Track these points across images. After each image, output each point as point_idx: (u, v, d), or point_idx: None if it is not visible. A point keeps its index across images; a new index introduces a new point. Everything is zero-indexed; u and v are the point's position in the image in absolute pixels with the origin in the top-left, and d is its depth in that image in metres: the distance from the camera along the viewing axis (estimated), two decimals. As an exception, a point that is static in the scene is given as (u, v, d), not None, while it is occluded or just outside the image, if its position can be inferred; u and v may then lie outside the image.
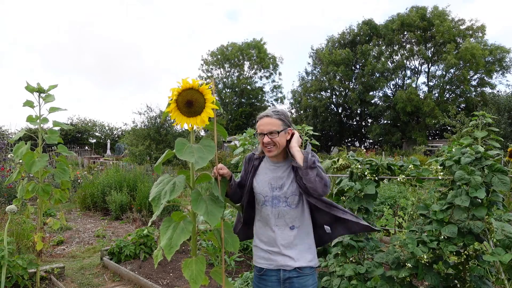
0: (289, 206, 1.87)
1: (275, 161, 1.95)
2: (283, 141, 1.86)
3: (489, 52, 29.52)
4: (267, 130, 1.83)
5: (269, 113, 1.88)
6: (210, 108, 1.52)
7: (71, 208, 8.81)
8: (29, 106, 3.27)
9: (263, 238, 1.91)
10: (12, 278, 3.56)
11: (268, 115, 1.87)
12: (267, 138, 1.83)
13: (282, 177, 1.89)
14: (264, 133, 1.84)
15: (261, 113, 1.94)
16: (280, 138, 1.85)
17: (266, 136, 1.83)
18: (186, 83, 1.48)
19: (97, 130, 34.56)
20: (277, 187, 1.89)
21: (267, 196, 1.90)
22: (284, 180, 1.89)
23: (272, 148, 1.85)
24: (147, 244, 4.80)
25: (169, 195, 1.40)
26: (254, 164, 1.99)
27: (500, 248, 2.25)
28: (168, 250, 1.36)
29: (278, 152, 1.87)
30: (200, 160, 1.40)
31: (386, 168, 2.96)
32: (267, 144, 1.85)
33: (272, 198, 1.88)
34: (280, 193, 1.87)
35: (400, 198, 6.47)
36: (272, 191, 1.89)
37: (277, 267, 1.86)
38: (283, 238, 1.86)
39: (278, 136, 1.84)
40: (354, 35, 35.29)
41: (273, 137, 1.83)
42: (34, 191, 3.26)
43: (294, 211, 1.88)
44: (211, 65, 41.20)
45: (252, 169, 1.98)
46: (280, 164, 1.94)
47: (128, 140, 18.82)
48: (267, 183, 1.91)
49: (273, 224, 1.87)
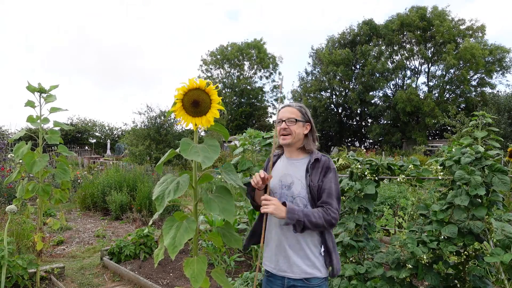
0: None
1: (289, 157, 1.92)
2: (299, 132, 1.85)
3: (489, 52, 29.52)
4: (286, 117, 1.86)
5: (291, 104, 1.93)
6: (216, 108, 1.52)
7: (71, 208, 8.81)
8: (30, 106, 3.28)
9: (270, 237, 1.86)
10: (12, 278, 3.56)
11: (290, 105, 1.92)
12: (284, 124, 1.84)
13: (292, 176, 1.84)
14: (283, 119, 1.85)
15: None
16: (297, 128, 1.85)
17: (284, 123, 1.84)
18: (193, 82, 1.48)
19: (97, 130, 34.55)
20: (286, 185, 1.84)
21: (275, 193, 1.86)
22: (294, 179, 1.83)
23: (287, 136, 1.84)
24: (147, 244, 4.80)
25: (173, 194, 1.41)
26: (273, 162, 1.96)
27: (500, 248, 2.25)
28: (172, 249, 1.36)
29: (292, 141, 1.85)
30: (206, 160, 1.40)
31: (386, 168, 2.96)
32: (283, 130, 1.85)
33: (280, 196, 1.83)
34: (288, 192, 1.82)
35: (400, 198, 6.47)
36: (281, 189, 1.85)
37: (282, 274, 1.80)
38: (286, 241, 1.79)
39: (295, 124, 1.84)
40: (354, 35, 35.30)
41: (290, 124, 1.84)
42: (34, 191, 3.26)
43: None
44: (211, 65, 41.23)
45: (268, 165, 1.95)
46: (294, 161, 1.89)
47: (128, 140, 18.80)
48: (278, 179, 1.87)
49: (278, 224, 1.81)
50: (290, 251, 1.78)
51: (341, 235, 2.97)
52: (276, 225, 1.83)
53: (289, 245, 1.79)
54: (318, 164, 1.84)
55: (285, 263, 1.79)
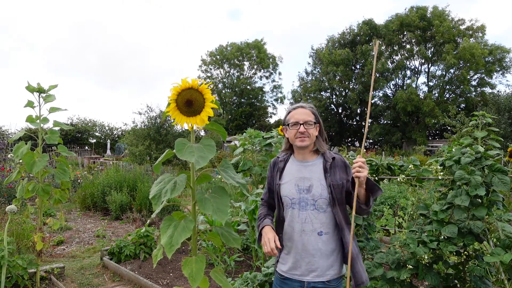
0: (317, 210, 1.76)
1: (301, 159, 1.87)
2: (314, 134, 1.83)
3: (489, 52, 29.54)
4: (303, 119, 1.81)
5: (304, 105, 1.88)
6: (209, 107, 1.53)
7: (71, 208, 8.81)
8: (30, 106, 3.28)
9: (288, 243, 1.81)
10: (12, 278, 3.56)
11: (303, 106, 1.86)
12: (302, 128, 1.80)
13: (310, 178, 1.80)
14: (300, 122, 1.81)
15: (292, 105, 1.93)
16: (314, 130, 1.82)
17: (302, 126, 1.80)
18: (186, 82, 1.48)
19: (97, 130, 34.56)
20: (305, 189, 1.79)
21: (294, 199, 1.80)
22: (312, 182, 1.79)
23: (306, 138, 1.81)
24: (147, 244, 4.80)
25: (170, 194, 1.41)
26: (279, 167, 1.90)
27: (500, 248, 2.25)
28: (169, 248, 1.36)
29: (310, 143, 1.82)
30: (201, 160, 1.40)
31: (386, 168, 2.96)
32: (301, 134, 1.80)
33: (300, 201, 1.79)
34: (308, 195, 1.78)
35: (400, 198, 6.46)
36: (299, 193, 1.79)
37: (301, 279, 1.78)
38: (310, 245, 1.75)
39: (313, 127, 1.81)
40: (354, 35, 35.31)
41: (309, 127, 1.80)
42: (34, 191, 3.26)
43: (323, 215, 1.77)
44: (210, 65, 41.26)
45: (278, 172, 1.90)
46: (308, 163, 1.85)
47: (128, 140, 18.81)
48: (294, 184, 1.82)
49: (299, 229, 1.77)
50: (310, 255, 1.76)
51: (341, 235, 2.97)
52: (298, 230, 1.79)
53: (313, 249, 1.76)
54: (334, 162, 1.82)
55: (308, 267, 1.77)
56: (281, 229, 1.85)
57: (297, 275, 1.79)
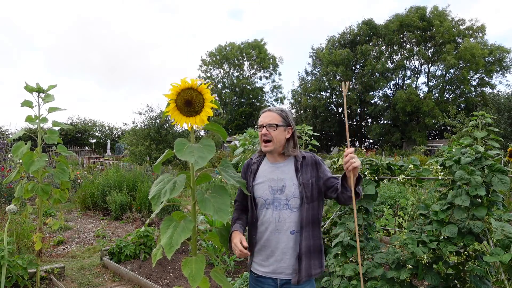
0: (290, 209, 1.81)
1: (273, 161, 1.91)
2: (280, 137, 1.84)
3: (489, 52, 29.54)
4: (266, 122, 1.85)
5: (271, 108, 1.92)
6: (209, 107, 1.52)
7: (71, 208, 8.81)
8: (28, 106, 3.27)
9: (262, 243, 1.84)
10: (12, 278, 3.56)
11: (270, 110, 1.90)
12: (264, 130, 1.84)
13: (283, 179, 1.84)
14: (264, 125, 1.85)
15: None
16: (278, 133, 1.83)
17: (264, 128, 1.84)
18: (185, 82, 1.48)
19: (97, 130, 34.56)
20: (278, 189, 1.83)
21: (268, 199, 1.84)
22: (285, 182, 1.83)
23: (269, 143, 1.84)
24: (147, 244, 4.80)
25: (169, 194, 1.40)
26: (253, 169, 1.94)
27: (500, 248, 2.25)
28: (169, 248, 1.36)
29: (274, 147, 1.84)
30: (200, 160, 1.40)
31: (386, 168, 2.96)
32: (264, 136, 1.84)
33: (273, 201, 1.83)
34: (281, 195, 1.82)
35: (400, 198, 6.46)
36: (273, 194, 1.84)
37: (274, 276, 1.81)
38: (283, 243, 1.79)
39: (276, 130, 1.83)
40: (354, 35, 35.31)
41: (271, 130, 1.83)
42: (33, 190, 3.25)
43: (295, 214, 1.81)
44: (210, 65, 41.26)
45: (251, 173, 1.93)
46: (280, 165, 1.88)
47: (128, 140, 18.81)
48: (268, 185, 1.86)
49: (273, 229, 1.81)
50: (283, 253, 1.80)
51: (341, 235, 2.97)
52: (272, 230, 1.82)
53: (285, 247, 1.80)
54: (305, 161, 1.87)
55: (280, 265, 1.80)
56: (254, 229, 1.88)
57: (270, 273, 1.82)
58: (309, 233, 1.82)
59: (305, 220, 1.81)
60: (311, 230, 1.83)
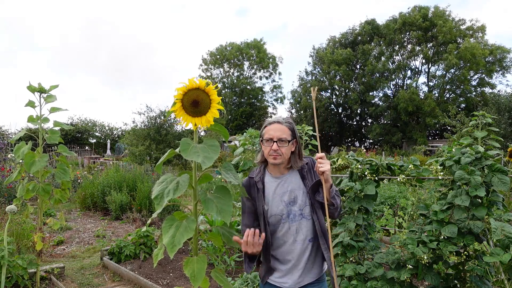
0: (305, 218, 1.80)
1: (278, 174, 1.86)
2: (288, 152, 1.80)
3: (490, 52, 29.55)
4: (277, 137, 1.76)
5: (280, 120, 1.81)
6: (215, 108, 1.52)
7: (71, 208, 8.81)
8: (31, 106, 3.28)
9: (281, 257, 1.82)
10: (12, 278, 3.57)
11: (279, 122, 1.80)
12: (275, 146, 1.75)
13: (293, 190, 1.81)
14: (274, 140, 1.76)
15: (269, 118, 1.89)
16: (288, 148, 1.78)
17: (276, 144, 1.75)
18: (193, 82, 1.48)
19: (97, 130, 34.56)
20: (291, 202, 1.81)
21: (284, 214, 1.80)
22: (296, 193, 1.81)
23: (278, 157, 1.77)
24: (147, 244, 4.80)
25: (173, 194, 1.40)
26: (259, 188, 1.84)
27: (500, 248, 2.25)
28: (171, 248, 1.36)
29: (282, 161, 1.79)
30: (206, 160, 1.39)
31: (386, 168, 2.96)
32: (274, 152, 1.76)
33: (288, 214, 1.80)
34: (295, 207, 1.80)
35: (400, 198, 6.47)
36: (287, 207, 1.80)
37: (296, 286, 1.80)
38: (303, 252, 1.80)
39: (287, 145, 1.77)
40: (356, 34, 35.34)
41: (282, 145, 1.75)
42: (34, 190, 3.26)
43: (309, 222, 1.80)
44: (210, 65, 41.27)
45: (258, 194, 1.84)
46: (286, 176, 1.85)
47: (128, 140, 18.80)
48: (280, 201, 1.81)
49: (292, 240, 1.80)
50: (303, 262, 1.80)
51: (341, 235, 2.97)
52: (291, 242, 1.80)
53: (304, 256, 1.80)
54: (308, 166, 1.86)
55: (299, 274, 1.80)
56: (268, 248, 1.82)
57: (289, 283, 1.80)
58: (322, 239, 1.82)
59: (321, 227, 1.80)
60: (324, 237, 1.83)
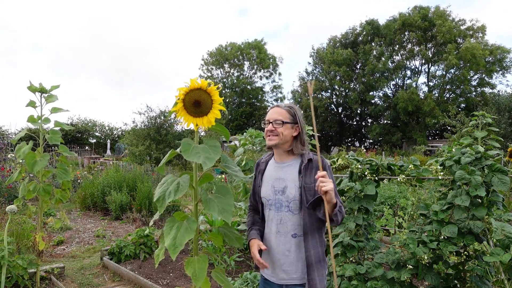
0: (291, 212, 1.76)
1: (279, 161, 1.87)
2: (287, 134, 1.80)
3: (490, 52, 29.55)
4: (273, 118, 1.81)
5: (280, 104, 1.88)
6: (217, 109, 1.52)
7: (71, 208, 8.81)
8: (32, 106, 3.28)
9: (267, 244, 1.82)
10: (12, 278, 3.57)
11: (279, 106, 1.86)
12: (271, 126, 1.80)
13: (285, 179, 1.80)
14: (270, 121, 1.81)
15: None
16: (284, 129, 1.79)
17: (271, 124, 1.80)
18: (195, 83, 1.48)
19: (97, 130, 34.54)
20: (279, 190, 1.80)
21: (270, 200, 1.83)
22: (287, 183, 1.79)
23: (274, 137, 1.80)
24: (147, 244, 4.80)
25: (174, 195, 1.40)
26: (261, 169, 1.93)
27: (500, 248, 2.25)
28: (173, 249, 1.36)
29: (278, 142, 1.79)
30: (208, 161, 1.39)
31: (386, 168, 2.96)
32: (270, 132, 1.81)
33: (275, 202, 1.80)
34: (282, 196, 1.78)
35: (400, 198, 6.47)
36: (275, 194, 1.81)
37: (280, 282, 1.79)
38: (284, 246, 1.76)
39: (282, 126, 1.78)
40: (356, 35, 35.34)
41: (277, 126, 1.78)
42: (35, 191, 3.26)
43: (296, 217, 1.76)
44: (211, 65, 41.28)
45: (259, 174, 1.92)
46: (284, 164, 1.84)
47: (128, 140, 18.79)
48: (270, 185, 1.83)
49: (275, 231, 1.79)
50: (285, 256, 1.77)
51: (341, 235, 2.98)
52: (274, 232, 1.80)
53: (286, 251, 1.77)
54: (311, 164, 1.80)
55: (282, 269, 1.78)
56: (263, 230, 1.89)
57: (275, 278, 1.80)
58: (316, 239, 1.77)
59: (310, 225, 1.75)
60: (318, 236, 1.78)
